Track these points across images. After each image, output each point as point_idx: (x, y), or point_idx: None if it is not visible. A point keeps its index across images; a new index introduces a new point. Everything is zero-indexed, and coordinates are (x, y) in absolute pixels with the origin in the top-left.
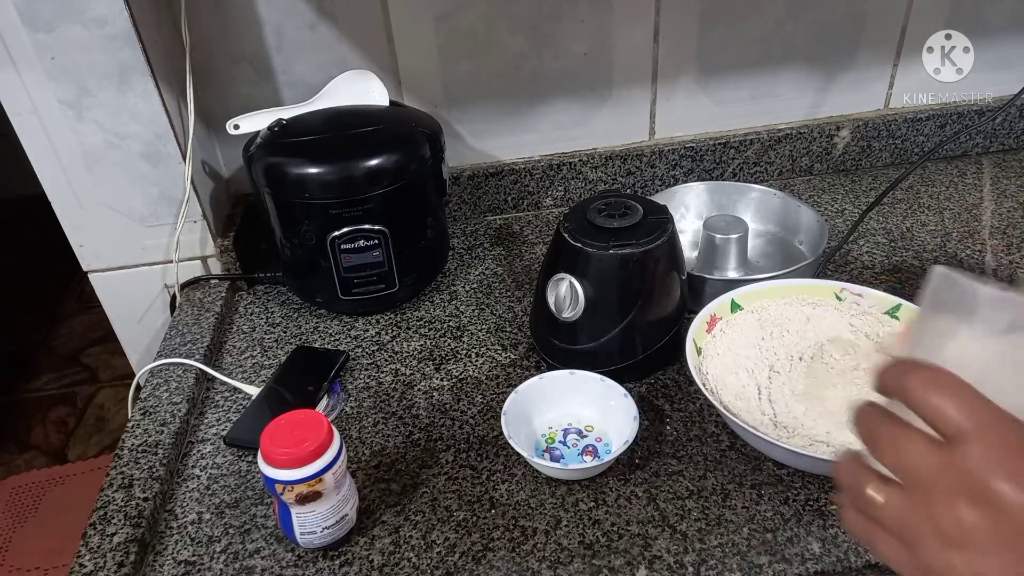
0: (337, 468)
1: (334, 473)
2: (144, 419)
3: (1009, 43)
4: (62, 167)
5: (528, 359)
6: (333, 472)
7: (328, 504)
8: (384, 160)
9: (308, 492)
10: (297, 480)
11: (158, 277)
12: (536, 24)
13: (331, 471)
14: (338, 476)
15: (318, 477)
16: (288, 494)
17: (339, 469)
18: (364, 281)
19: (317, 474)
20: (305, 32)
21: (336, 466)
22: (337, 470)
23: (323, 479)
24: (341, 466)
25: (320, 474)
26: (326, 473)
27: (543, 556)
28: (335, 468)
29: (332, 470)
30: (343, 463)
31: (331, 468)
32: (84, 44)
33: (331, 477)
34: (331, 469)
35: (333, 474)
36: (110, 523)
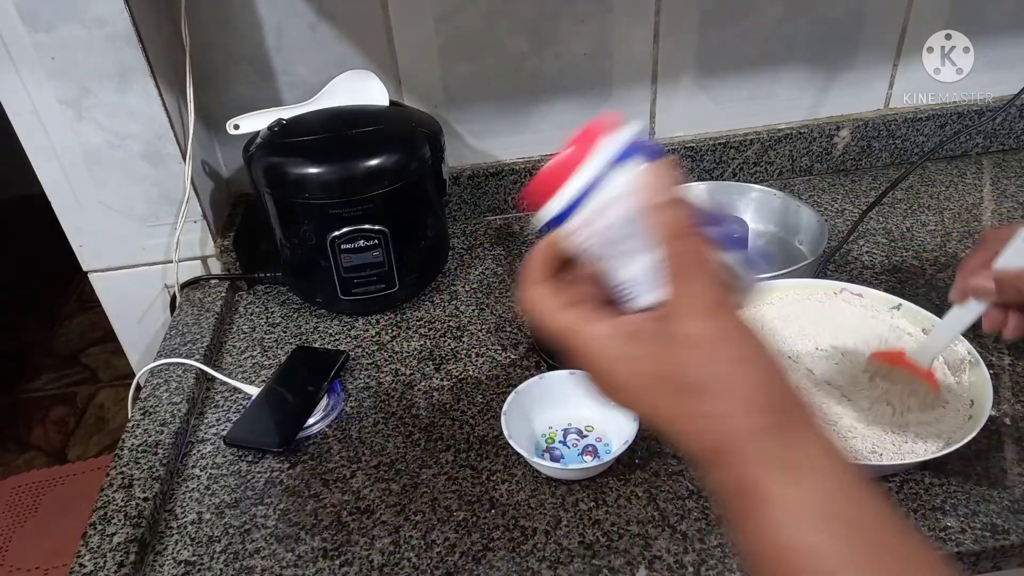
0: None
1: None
2: (144, 419)
3: (1009, 43)
4: (62, 167)
5: (528, 359)
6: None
7: None
8: (384, 160)
9: None
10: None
11: (158, 277)
12: (536, 24)
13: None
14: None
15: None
16: None
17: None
18: (364, 281)
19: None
20: (305, 32)
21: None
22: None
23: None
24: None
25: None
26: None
27: (543, 556)
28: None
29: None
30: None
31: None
32: (84, 44)
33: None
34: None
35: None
36: (110, 523)
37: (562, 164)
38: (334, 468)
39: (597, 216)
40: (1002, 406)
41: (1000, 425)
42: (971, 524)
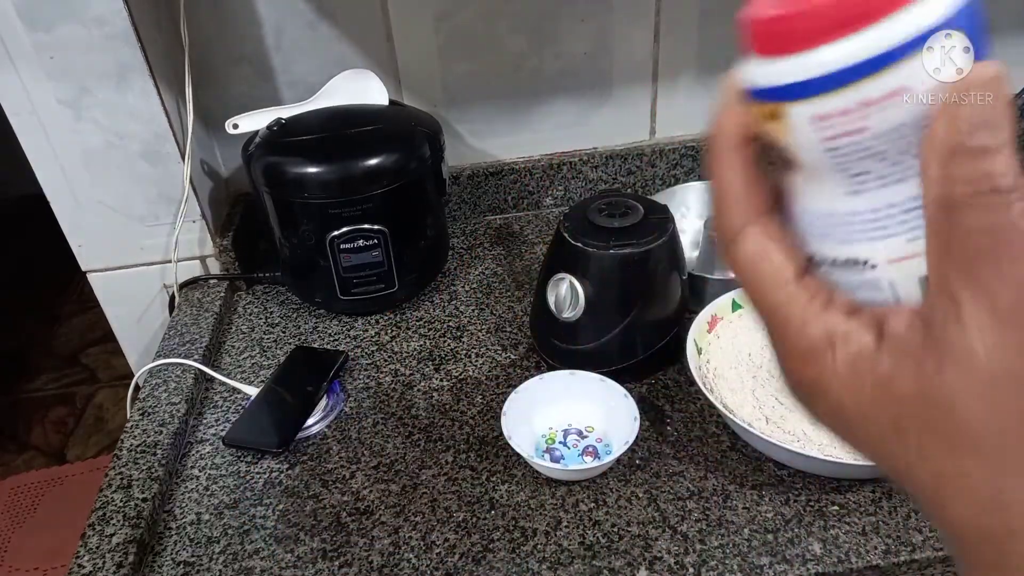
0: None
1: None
2: (143, 419)
3: (1010, 43)
4: (61, 167)
5: (528, 359)
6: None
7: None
8: (383, 159)
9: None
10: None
11: (157, 277)
12: (536, 23)
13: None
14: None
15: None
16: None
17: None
18: (363, 281)
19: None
20: (304, 31)
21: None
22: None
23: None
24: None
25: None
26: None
27: (543, 557)
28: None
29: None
30: None
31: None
32: (83, 43)
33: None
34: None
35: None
36: (109, 524)
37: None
38: (333, 469)
39: (878, 107)
40: None
41: None
42: None
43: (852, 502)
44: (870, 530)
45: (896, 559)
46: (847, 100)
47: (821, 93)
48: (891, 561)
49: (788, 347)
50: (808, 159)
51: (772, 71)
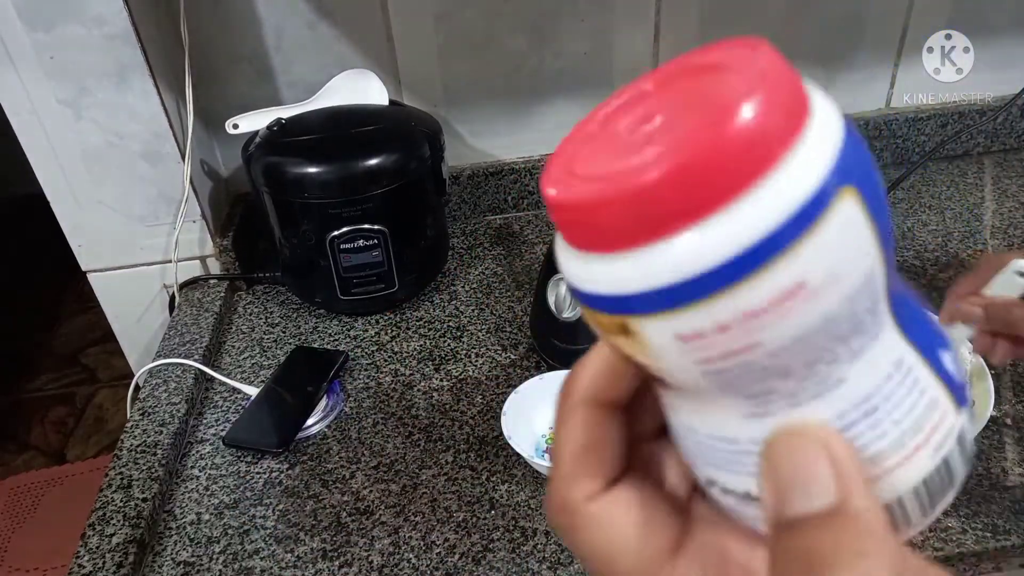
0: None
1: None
2: (143, 419)
3: (1010, 43)
4: (61, 167)
5: (528, 359)
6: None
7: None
8: (383, 160)
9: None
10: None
11: (157, 277)
12: (536, 23)
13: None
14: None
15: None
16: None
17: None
18: (363, 281)
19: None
20: (304, 31)
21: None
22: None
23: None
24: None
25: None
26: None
27: (543, 557)
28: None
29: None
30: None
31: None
32: (83, 43)
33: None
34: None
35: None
36: (109, 524)
37: (726, 141)
38: (333, 469)
39: (773, 316)
40: (1003, 406)
41: (1001, 426)
42: (972, 524)
43: None
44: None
45: None
46: (722, 313)
47: (681, 306)
48: None
49: None
50: (683, 381)
51: (613, 271)
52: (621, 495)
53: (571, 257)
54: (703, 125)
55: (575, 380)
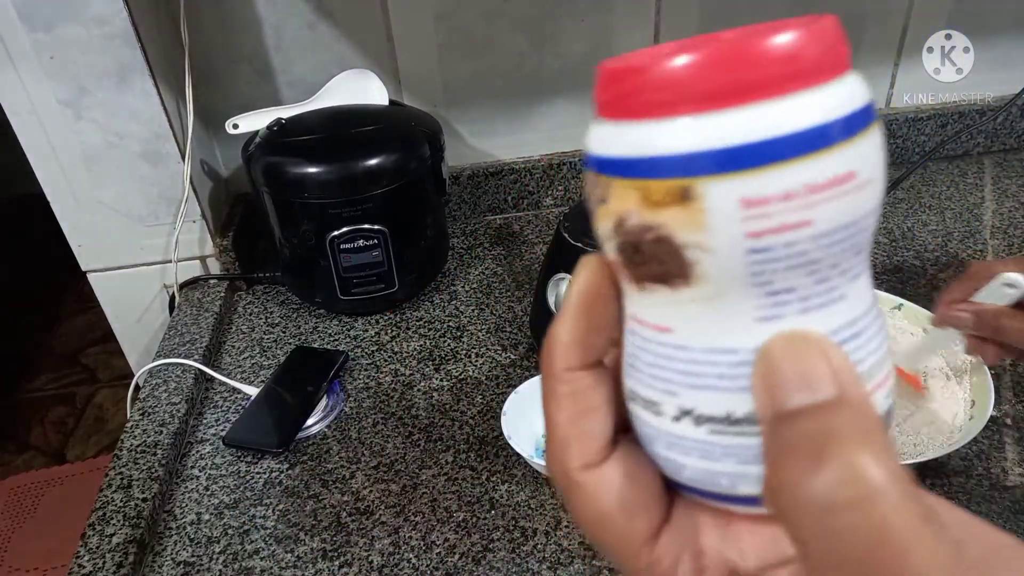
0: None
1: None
2: (143, 419)
3: (1010, 43)
4: (61, 167)
5: (528, 359)
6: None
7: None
8: (383, 160)
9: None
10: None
11: (157, 277)
12: (536, 23)
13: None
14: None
15: (825, 145)
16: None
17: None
18: (363, 281)
19: (818, 133)
20: (304, 31)
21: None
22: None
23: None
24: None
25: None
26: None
27: (543, 557)
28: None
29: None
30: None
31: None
32: (83, 43)
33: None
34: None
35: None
36: (109, 524)
37: (770, 56)
38: (333, 469)
39: (828, 194)
40: (1003, 406)
41: (1001, 425)
42: None
43: None
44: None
45: None
46: (790, 180)
47: (757, 166)
48: None
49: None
50: (719, 266)
51: (691, 130)
52: (610, 470)
53: (627, 128)
54: (802, 21)
55: (552, 347)
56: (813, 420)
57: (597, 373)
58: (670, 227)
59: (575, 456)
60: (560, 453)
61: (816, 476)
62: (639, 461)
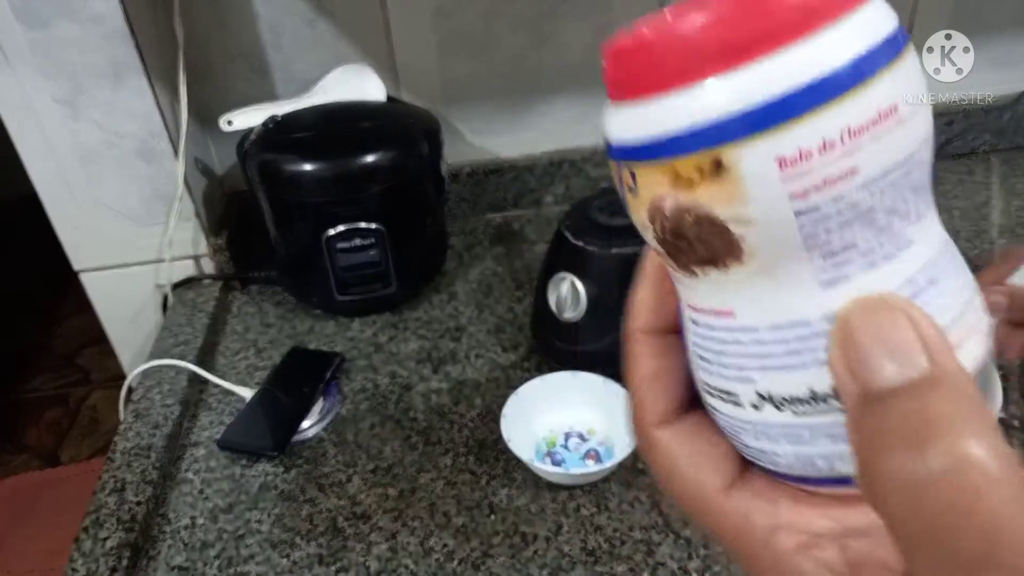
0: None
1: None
2: (136, 422)
3: (1011, 42)
4: (56, 165)
5: (529, 360)
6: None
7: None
8: (381, 157)
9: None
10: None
11: (150, 276)
12: (536, 21)
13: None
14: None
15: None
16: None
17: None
18: (360, 281)
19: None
20: (303, 28)
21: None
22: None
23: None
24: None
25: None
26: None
27: (544, 563)
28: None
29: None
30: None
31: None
32: (79, 42)
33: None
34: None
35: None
36: (103, 527)
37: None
38: (330, 472)
39: (870, 136)
40: (1010, 408)
41: (1009, 427)
42: None
43: None
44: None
45: None
46: (828, 127)
47: (791, 119)
48: None
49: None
50: (765, 235)
51: (707, 98)
52: (683, 426)
53: (641, 108)
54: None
55: (634, 310)
56: (907, 401)
57: (671, 339)
58: (708, 204)
59: (649, 413)
60: (637, 410)
61: (917, 464)
62: (710, 424)
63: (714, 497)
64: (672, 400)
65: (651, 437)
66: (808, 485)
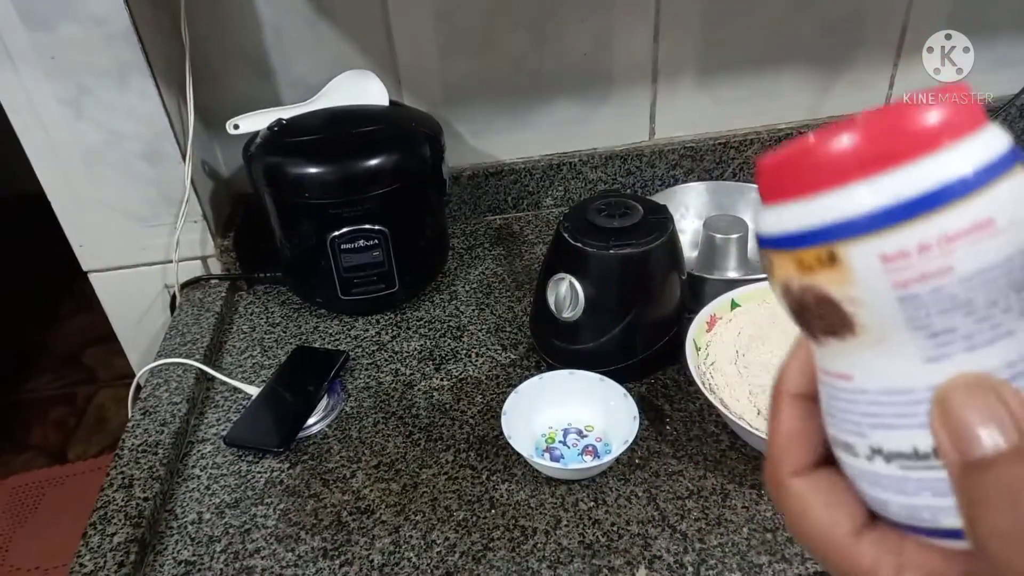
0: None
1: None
2: (144, 419)
3: (1010, 43)
4: (61, 166)
5: (528, 359)
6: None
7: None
8: (384, 160)
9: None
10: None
11: (158, 277)
12: (536, 23)
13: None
14: None
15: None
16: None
17: None
18: (364, 281)
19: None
20: (304, 31)
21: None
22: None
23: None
24: None
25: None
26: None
27: (543, 556)
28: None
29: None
30: None
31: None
32: (83, 43)
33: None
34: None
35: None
36: (110, 523)
37: (909, 126)
38: (334, 468)
39: (965, 242)
40: None
41: None
42: None
43: None
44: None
45: None
46: (925, 233)
47: (892, 225)
48: None
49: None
50: (873, 315)
51: (825, 205)
52: (818, 478)
53: (779, 210)
54: (908, 103)
55: (784, 374)
56: (1004, 470)
57: (813, 405)
58: (825, 286)
59: (787, 464)
60: (775, 460)
61: (1018, 521)
62: (841, 477)
63: (844, 539)
64: (809, 455)
65: (786, 484)
66: (920, 535)
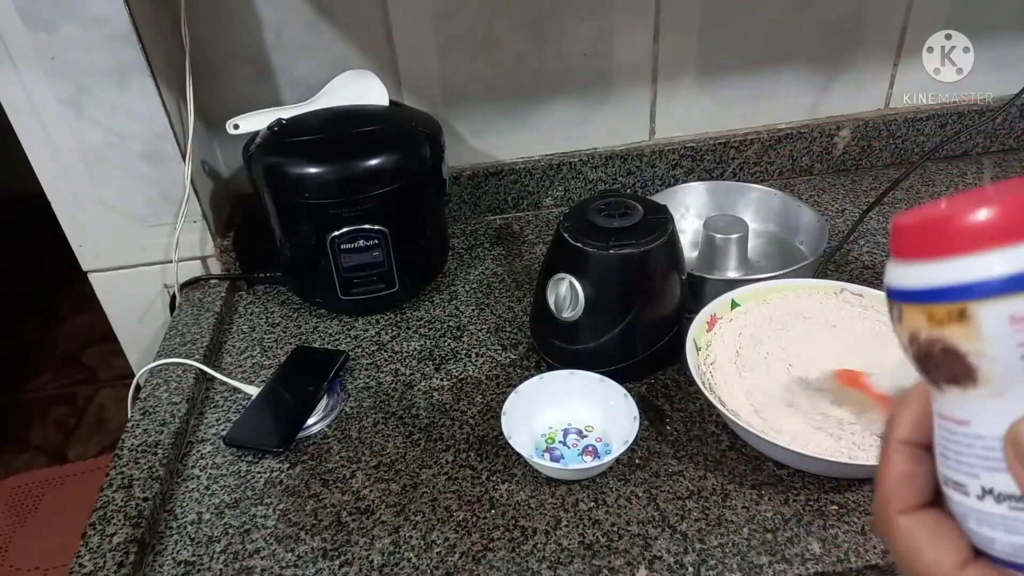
0: None
1: None
2: (144, 419)
3: (1009, 43)
4: (61, 167)
5: (528, 359)
6: None
7: None
8: (384, 160)
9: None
10: None
11: (158, 277)
12: (536, 23)
13: None
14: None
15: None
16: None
17: None
18: (364, 281)
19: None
20: (305, 31)
21: None
22: None
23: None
24: None
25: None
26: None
27: (543, 556)
28: None
29: None
30: None
31: None
32: (84, 43)
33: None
34: None
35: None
36: (110, 523)
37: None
38: (334, 468)
39: None
40: None
41: None
42: None
43: (851, 501)
44: (870, 530)
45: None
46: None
47: (1021, 291)
48: (890, 560)
49: None
50: (996, 368)
51: (961, 267)
52: (924, 516)
53: (915, 266)
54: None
55: (897, 419)
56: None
57: (923, 452)
58: (953, 339)
59: (896, 503)
60: (884, 500)
61: None
62: (946, 516)
63: (949, 572)
64: (916, 497)
65: (894, 521)
66: (1020, 572)
